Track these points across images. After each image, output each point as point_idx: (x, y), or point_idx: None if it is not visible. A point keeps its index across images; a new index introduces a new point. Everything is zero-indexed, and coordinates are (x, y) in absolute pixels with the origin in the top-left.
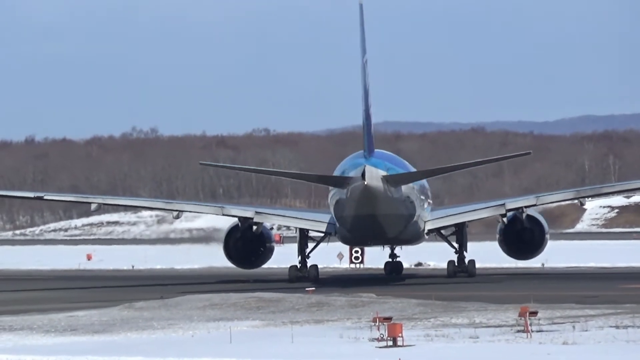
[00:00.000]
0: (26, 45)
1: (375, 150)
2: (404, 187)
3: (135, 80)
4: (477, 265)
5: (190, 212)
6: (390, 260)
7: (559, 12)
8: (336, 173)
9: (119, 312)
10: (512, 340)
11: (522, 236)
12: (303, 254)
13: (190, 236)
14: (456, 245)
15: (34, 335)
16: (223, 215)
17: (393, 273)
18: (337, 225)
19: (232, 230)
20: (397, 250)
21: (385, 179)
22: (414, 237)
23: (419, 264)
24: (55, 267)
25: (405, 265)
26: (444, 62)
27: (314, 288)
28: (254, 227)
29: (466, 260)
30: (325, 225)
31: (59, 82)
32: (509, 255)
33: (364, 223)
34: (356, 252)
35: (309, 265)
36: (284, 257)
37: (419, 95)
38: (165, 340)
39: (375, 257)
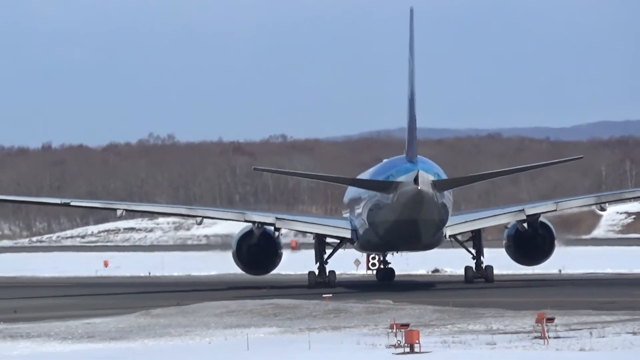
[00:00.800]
0: (42, 51)
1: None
2: (445, 193)
3: (152, 87)
4: (503, 272)
5: (212, 218)
6: (382, 267)
7: (575, 17)
8: (370, 177)
9: (135, 319)
10: (529, 346)
11: (533, 242)
12: (322, 260)
13: (207, 242)
14: (473, 251)
15: (51, 342)
16: (245, 221)
17: (385, 279)
18: (362, 230)
19: (245, 236)
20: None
21: (434, 184)
22: (437, 242)
23: (436, 270)
24: (72, 274)
25: (422, 271)
26: (459, 68)
27: (330, 295)
28: (276, 233)
29: (484, 266)
30: (346, 231)
31: (76, 88)
32: (516, 260)
33: (405, 228)
34: (373, 258)
35: (327, 271)
36: (299, 263)
37: (435, 102)
38: (182, 347)
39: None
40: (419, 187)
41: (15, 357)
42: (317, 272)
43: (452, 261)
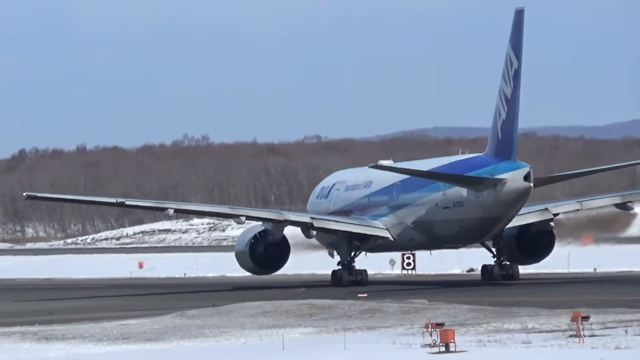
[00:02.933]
0: (77, 54)
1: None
2: None
3: (187, 88)
4: (529, 270)
5: (252, 218)
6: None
7: (607, 14)
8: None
9: (171, 320)
10: (564, 345)
11: (536, 239)
12: (351, 258)
13: None
14: (494, 250)
15: (86, 344)
16: (284, 220)
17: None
18: (403, 228)
19: (259, 236)
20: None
21: (535, 182)
22: None
23: (471, 270)
24: (107, 276)
25: (457, 271)
26: (492, 67)
27: (366, 294)
28: (311, 232)
29: (508, 264)
30: (381, 230)
31: (110, 90)
32: (515, 258)
33: (484, 225)
34: (408, 257)
35: (358, 269)
36: (321, 262)
37: (469, 100)
38: (218, 348)
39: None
40: (531, 185)
41: (51, 359)
42: (346, 272)
43: (487, 260)
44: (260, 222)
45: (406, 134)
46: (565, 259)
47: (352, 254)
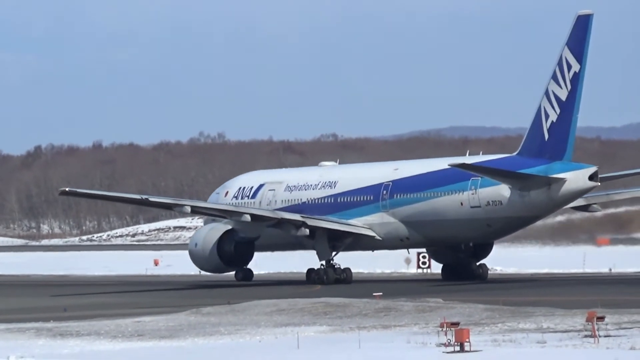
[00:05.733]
0: (94, 51)
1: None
2: None
3: (203, 86)
4: (544, 270)
5: (258, 217)
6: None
7: (623, 15)
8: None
9: (185, 318)
10: (579, 345)
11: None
12: (332, 257)
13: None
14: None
15: (101, 340)
16: (281, 219)
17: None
18: (397, 227)
19: (227, 234)
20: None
21: None
22: None
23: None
24: (122, 273)
25: None
26: (509, 65)
27: (381, 293)
28: (303, 230)
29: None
30: (367, 229)
31: (127, 87)
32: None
33: (516, 223)
34: (424, 257)
35: (342, 268)
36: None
37: (485, 100)
38: (233, 345)
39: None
40: (598, 184)
41: (66, 356)
42: (331, 270)
43: (501, 260)
44: (223, 220)
45: (422, 133)
46: (580, 259)
47: (334, 253)
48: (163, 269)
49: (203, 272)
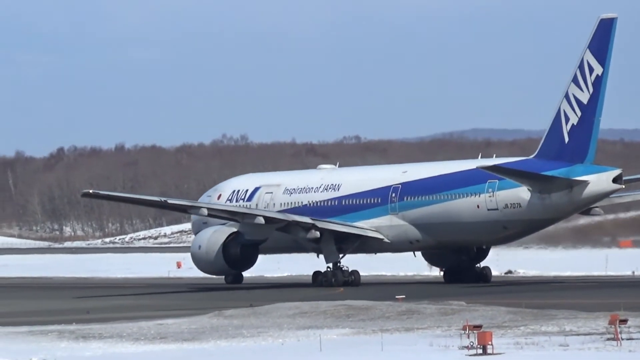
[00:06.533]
0: (116, 52)
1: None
2: None
3: (226, 88)
4: (566, 273)
5: (270, 220)
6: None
7: (633, 13)
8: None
9: (208, 320)
10: (601, 348)
11: None
12: (339, 259)
13: None
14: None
15: (124, 343)
16: (292, 221)
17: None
18: (406, 230)
19: (232, 236)
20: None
21: None
22: None
23: (509, 272)
24: (145, 275)
25: (495, 273)
26: (533, 67)
27: (404, 296)
28: (313, 232)
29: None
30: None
31: (149, 89)
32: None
33: (535, 226)
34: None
35: (350, 270)
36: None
37: (508, 102)
38: (255, 348)
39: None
40: (622, 186)
41: (88, 358)
42: (340, 272)
43: (524, 263)
44: (228, 223)
45: (445, 135)
46: (603, 261)
47: (341, 255)
48: (185, 271)
49: (206, 275)
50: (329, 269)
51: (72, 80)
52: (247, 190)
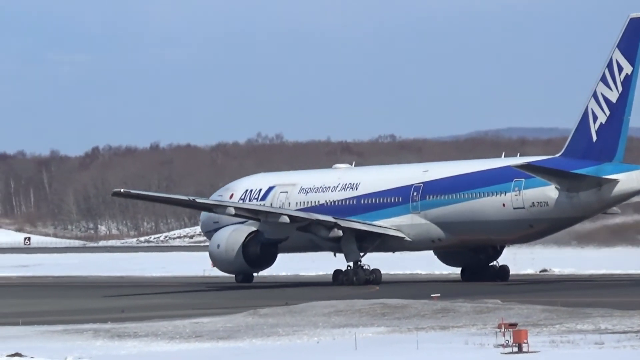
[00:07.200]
0: (151, 51)
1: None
2: None
3: (261, 86)
4: (601, 271)
5: (294, 219)
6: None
7: None
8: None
9: (243, 319)
10: (637, 346)
11: None
12: (359, 257)
13: None
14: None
15: (159, 341)
16: (315, 220)
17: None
18: (428, 228)
19: (251, 236)
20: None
21: None
22: None
23: (544, 270)
24: (180, 274)
25: (530, 271)
26: (567, 66)
27: (439, 294)
28: (335, 231)
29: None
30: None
31: (185, 88)
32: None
33: (561, 224)
34: None
35: (372, 269)
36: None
37: (543, 100)
38: (290, 346)
39: None
40: None
41: (123, 357)
42: (361, 270)
43: (559, 261)
44: (246, 222)
45: (480, 134)
46: (639, 260)
47: (361, 254)
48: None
49: (223, 274)
50: (349, 268)
51: (107, 80)
52: (260, 190)
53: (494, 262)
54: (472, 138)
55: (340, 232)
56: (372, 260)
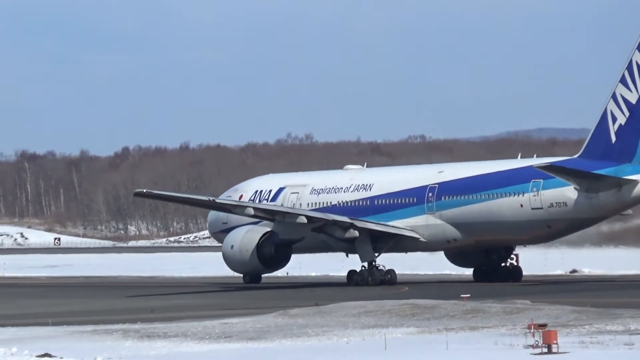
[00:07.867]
0: (182, 51)
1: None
2: None
3: (291, 87)
4: (632, 272)
5: (312, 219)
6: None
7: None
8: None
9: (273, 319)
10: None
11: None
12: (374, 257)
13: None
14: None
15: (188, 342)
16: (331, 221)
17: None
18: (444, 229)
19: (268, 236)
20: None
21: None
22: None
23: (574, 271)
24: (210, 274)
25: (559, 272)
26: (596, 66)
27: (469, 295)
28: (352, 232)
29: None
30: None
31: (214, 88)
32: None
33: (579, 225)
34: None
35: (387, 269)
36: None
37: (573, 101)
38: (320, 347)
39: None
40: None
41: (153, 357)
42: (376, 271)
43: (589, 262)
44: (259, 223)
45: (510, 134)
46: None
47: (376, 254)
48: None
49: (235, 274)
50: (364, 268)
51: (136, 80)
52: (270, 191)
53: (511, 261)
54: (502, 139)
55: (357, 233)
56: (379, 261)
